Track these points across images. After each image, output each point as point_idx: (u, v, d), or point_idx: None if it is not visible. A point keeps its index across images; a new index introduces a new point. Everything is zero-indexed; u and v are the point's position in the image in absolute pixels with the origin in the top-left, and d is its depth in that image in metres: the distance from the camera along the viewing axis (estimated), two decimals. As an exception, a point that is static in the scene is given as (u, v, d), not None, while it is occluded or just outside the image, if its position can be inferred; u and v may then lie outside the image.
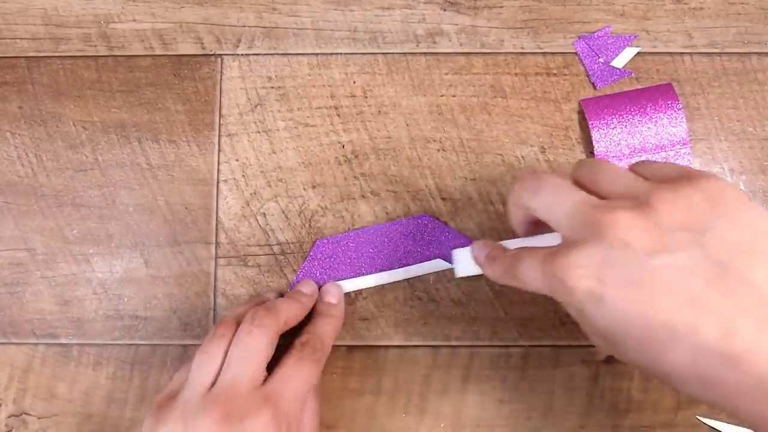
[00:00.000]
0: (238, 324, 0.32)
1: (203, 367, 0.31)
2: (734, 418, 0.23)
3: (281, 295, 0.38)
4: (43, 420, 0.38)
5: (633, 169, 0.26)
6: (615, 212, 0.22)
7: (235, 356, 0.30)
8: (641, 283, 0.22)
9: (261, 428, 0.28)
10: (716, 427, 0.37)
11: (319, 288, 0.38)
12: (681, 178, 0.24)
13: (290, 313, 0.34)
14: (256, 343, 0.31)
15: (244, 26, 0.41)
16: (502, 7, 0.41)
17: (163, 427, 0.29)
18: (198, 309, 0.39)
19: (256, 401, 0.29)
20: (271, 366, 0.32)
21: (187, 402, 0.29)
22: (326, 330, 0.35)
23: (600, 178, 0.25)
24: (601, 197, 0.24)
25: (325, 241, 0.39)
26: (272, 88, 0.41)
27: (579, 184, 0.26)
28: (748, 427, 0.22)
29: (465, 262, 0.32)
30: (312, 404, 0.33)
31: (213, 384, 0.30)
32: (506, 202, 0.35)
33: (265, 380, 0.31)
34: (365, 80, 0.41)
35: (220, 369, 0.31)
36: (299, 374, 0.31)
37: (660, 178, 0.24)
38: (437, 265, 0.38)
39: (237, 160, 0.40)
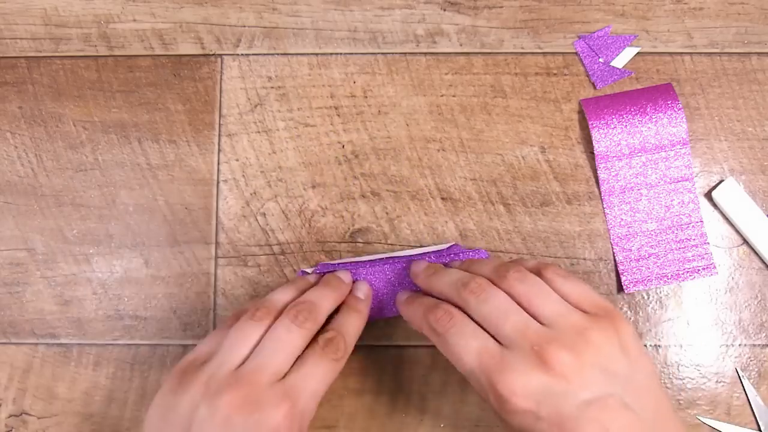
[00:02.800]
0: (278, 313, 0.32)
1: (236, 346, 0.31)
2: None
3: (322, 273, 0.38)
4: (43, 420, 0.38)
5: (554, 287, 0.31)
6: (558, 350, 0.28)
7: (267, 346, 0.30)
8: (570, 415, 0.27)
9: (275, 423, 0.28)
10: (716, 427, 0.37)
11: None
12: (604, 316, 0.29)
13: (328, 307, 0.34)
14: (292, 341, 0.31)
15: (244, 26, 0.41)
16: (502, 7, 0.41)
17: (184, 394, 0.29)
18: (198, 309, 0.39)
19: (275, 394, 0.29)
20: None
21: (212, 376, 0.29)
22: (351, 327, 0.34)
23: (534, 300, 0.30)
24: (535, 315, 0.30)
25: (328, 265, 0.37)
26: (272, 88, 0.41)
27: (511, 294, 0.30)
28: None
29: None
30: None
31: (240, 366, 0.30)
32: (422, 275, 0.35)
33: (286, 374, 0.30)
34: (365, 80, 0.41)
35: (251, 353, 0.31)
36: (319, 372, 0.31)
37: (587, 308, 0.30)
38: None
39: (237, 160, 0.40)
